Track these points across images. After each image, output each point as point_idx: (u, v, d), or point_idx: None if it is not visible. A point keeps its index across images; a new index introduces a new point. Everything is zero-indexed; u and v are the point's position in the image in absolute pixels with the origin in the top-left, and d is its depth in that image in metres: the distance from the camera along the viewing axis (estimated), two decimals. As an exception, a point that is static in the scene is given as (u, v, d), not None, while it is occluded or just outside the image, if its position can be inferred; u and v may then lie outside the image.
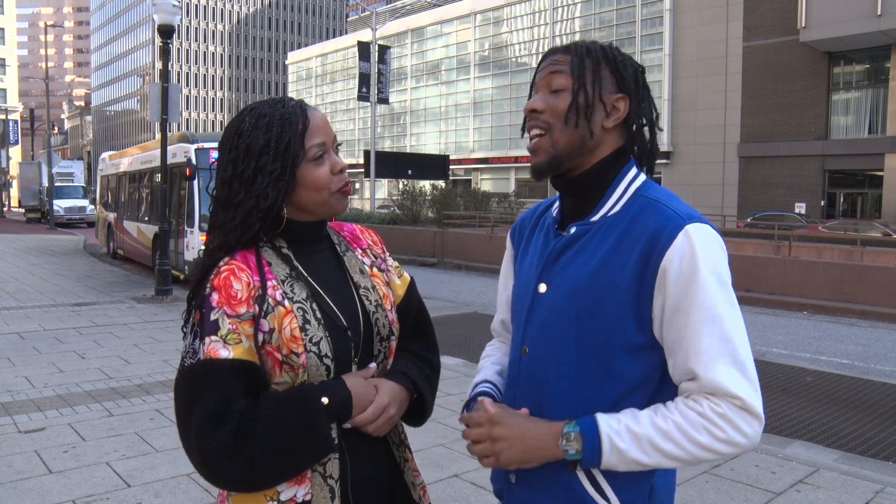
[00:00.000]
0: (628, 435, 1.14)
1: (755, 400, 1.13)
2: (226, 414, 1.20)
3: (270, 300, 1.27)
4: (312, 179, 1.33)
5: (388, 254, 1.57)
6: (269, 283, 1.29)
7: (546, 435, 1.19)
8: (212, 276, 1.28)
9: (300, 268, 1.35)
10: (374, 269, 1.47)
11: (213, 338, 1.23)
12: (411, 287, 1.55)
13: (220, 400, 1.20)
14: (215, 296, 1.26)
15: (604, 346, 1.21)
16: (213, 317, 1.24)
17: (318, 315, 1.30)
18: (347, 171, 1.41)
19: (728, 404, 1.12)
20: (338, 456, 1.29)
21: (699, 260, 1.14)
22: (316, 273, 1.37)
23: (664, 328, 1.17)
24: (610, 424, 1.15)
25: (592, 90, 1.26)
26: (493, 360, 1.52)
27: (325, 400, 1.24)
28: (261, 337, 1.25)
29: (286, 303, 1.28)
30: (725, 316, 1.14)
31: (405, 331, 1.49)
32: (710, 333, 1.13)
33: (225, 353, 1.22)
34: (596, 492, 1.22)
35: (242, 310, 1.25)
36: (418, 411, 1.45)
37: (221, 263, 1.30)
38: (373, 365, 1.37)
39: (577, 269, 1.24)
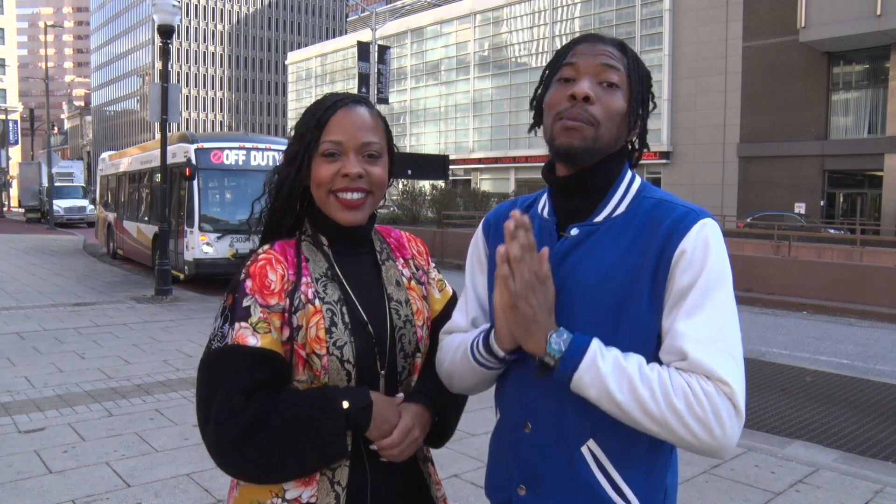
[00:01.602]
0: (613, 363, 1.11)
1: (742, 394, 1.10)
2: (246, 403, 1.20)
3: (302, 297, 1.27)
4: (315, 174, 1.33)
5: (433, 266, 1.53)
6: (303, 280, 1.29)
7: (545, 325, 1.16)
8: (248, 262, 1.30)
9: (337, 268, 1.34)
10: (413, 282, 1.44)
11: (243, 324, 1.23)
12: (451, 303, 1.50)
13: (242, 388, 1.20)
14: (249, 282, 1.27)
15: (623, 348, 1.18)
16: (245, 303, 1.25)
17: (347, 319, 1.29)
18: (360, 180, 1.31)
19: (715, 387, 1.08)
20: (349, 464, 1.27)
21: (710, 251, 1.15)
22: (352, 278, 1.35)
23: (665, 312, 1.16)
24: (601, 346, 1.13)
25: (638, 101, 1.27)
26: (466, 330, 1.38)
27: (345, 404, 1.23)
28: (287, 332, 1.25)
29: (316, 302, 1.28)
30: (722, 308, 1.14)
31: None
32: (706, 319, 1.12)
33: (253, 340, 1.22)
34: (617, 495, 1.19)
35: (273, 301, 1.26)
36: (438, 433, 1.41)
37: (260, 251, 1.32)
38: (400, 395, 1.35)
39: (589, 271, 1.21)
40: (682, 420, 1.08)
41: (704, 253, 1.15)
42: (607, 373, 1.11)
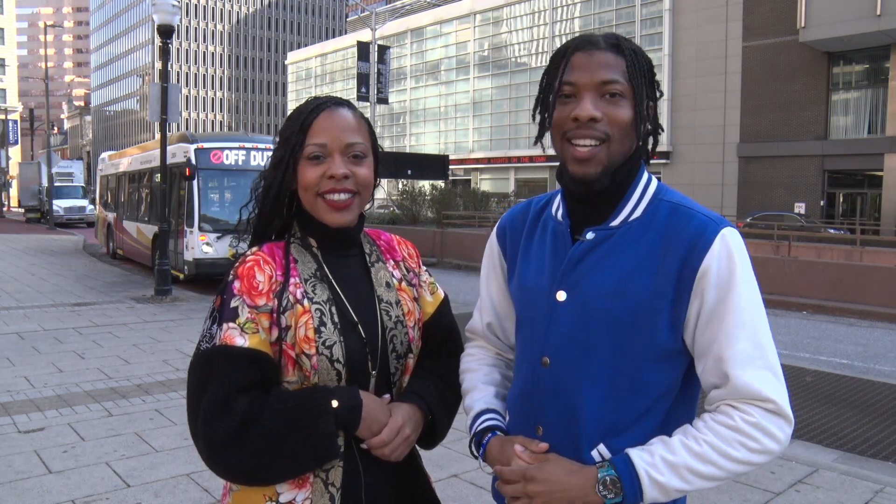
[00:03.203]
0: (665, 466, 1.12)
1: (786, 402, 1.13)
2: (234, 403, 1.19)
3: (290, 297, 1.27)
4: (301, 177, 1.33)
5: (423, 268, 1.53)
6: (291, 280, 1.29)
7: (582, 485, 1.15)
8: (237, 264, 1.31)
9: (326, 269, 1.34)
10: (404, 284, 1.44)
11: (231, 325, 1.23)
12: (442, 305, 1.51)
13: (231, 388, 1.20)
14: (237, 283, 1.27)
15: (636, 354, 1.18)
16: (233, 304, 1.25)
17: (336, 319, 1.29)
18: (346, 181, 1.31)
19: (760, 410, 1.12)
20: (342, 465, 1.27)
21: (736, 265, 1.15)
22: (341, 279, 1.35)
23: (698, 332, 1.16)
24: (644, 459, 1.13)
25: (649, 101, 1.24)
26: (482, 379, 1.43)
27: (334, 403, 1.23)
28: (276, 332, 1.25)
29: (305, 302, 1.28)
30: (757, 320, 1.15)
31: (430, 348, 1.46)
32: (744, 338, 1.13)
33: (241, 341, 1.22)
34: None
35: (261, 302, 1.26)
36: (430, 433, 1.41)
37: (249, 253, 1.33)
38: (387, 396, 1.35)
39: (605, 276, 1.21)
40: (747, 462, 1.13)
41: (730, 267, 1.14)
42: (668, 480, 1.12)
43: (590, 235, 1.24)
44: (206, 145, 12.08)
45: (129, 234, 15.56)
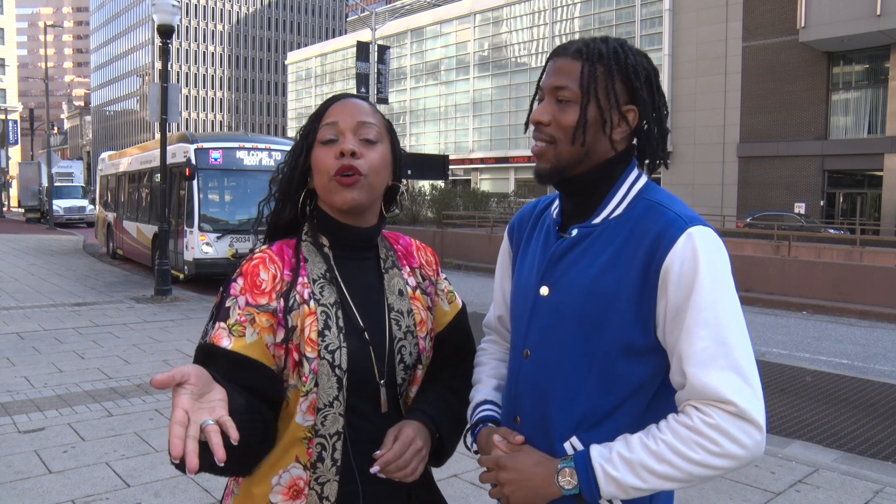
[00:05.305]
0: (620, 462, 1.12)
1: (752, 406, 1.08)
2: None
3: (297, 297, 1.25)
4: (316, 161, 1.32)
5: (442, 276, 1.51)
6: (299, 280, 1.27)
7: (545, 475, 1.19)
8: (244, 262, 1.30)
9: (336, 271, 1.32)
10: (418, 292, 1.41)
11: (222, 325, 1.23)
12: (460, 315, 1.49)
13: None
14: (239, 281, 1.26)
15: (607, 351, 1.19)
16: (227, 304, 1.25)
17: (341, 324, 1.26)
18: (355, 159, 1.29)
19: (721, 413, 1.08)
20: (338, 479, 1.25)
21: (700, 263, 1.12)
22: (352, 283, 1.33)
23: (666, 331, 1.16)
24: (602, 453, 1.15)
25: (603, 106, 1.22)
26: (488, 372, 1.46)
27: None
28: (283, 333, 1.23)
29: (311, 303, 1.26)
30: (723, 319, 1.12)
31: (444, 358, 1.44)
32: (705, 336, 1.10)
33: (226, 342, 1.21)
34: None
35: (263, 301, 1.24)
36: (439, 450, 1.38)
37: (257, 250, 1.32)
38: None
39: (581, 273, 1.22)
40: (706, 465, 1.10)
41: (694, 265, 1.12)
42: (623, 476, 1.12)
43: (574, 232, 1.27)
44: (205, 145, 12.08)
45: (129, 234, 15.56)
